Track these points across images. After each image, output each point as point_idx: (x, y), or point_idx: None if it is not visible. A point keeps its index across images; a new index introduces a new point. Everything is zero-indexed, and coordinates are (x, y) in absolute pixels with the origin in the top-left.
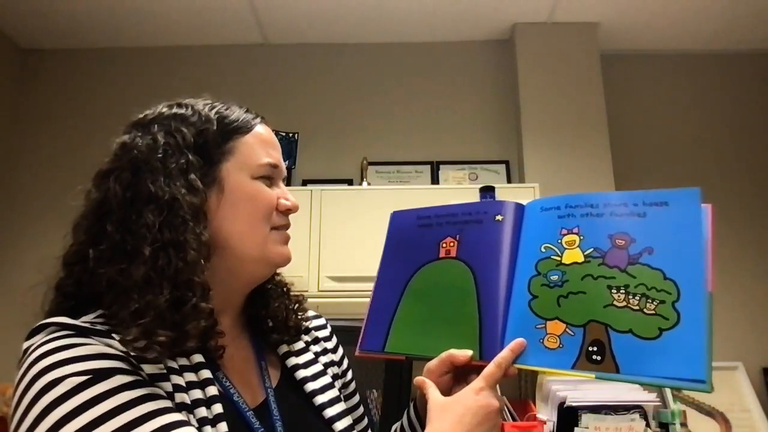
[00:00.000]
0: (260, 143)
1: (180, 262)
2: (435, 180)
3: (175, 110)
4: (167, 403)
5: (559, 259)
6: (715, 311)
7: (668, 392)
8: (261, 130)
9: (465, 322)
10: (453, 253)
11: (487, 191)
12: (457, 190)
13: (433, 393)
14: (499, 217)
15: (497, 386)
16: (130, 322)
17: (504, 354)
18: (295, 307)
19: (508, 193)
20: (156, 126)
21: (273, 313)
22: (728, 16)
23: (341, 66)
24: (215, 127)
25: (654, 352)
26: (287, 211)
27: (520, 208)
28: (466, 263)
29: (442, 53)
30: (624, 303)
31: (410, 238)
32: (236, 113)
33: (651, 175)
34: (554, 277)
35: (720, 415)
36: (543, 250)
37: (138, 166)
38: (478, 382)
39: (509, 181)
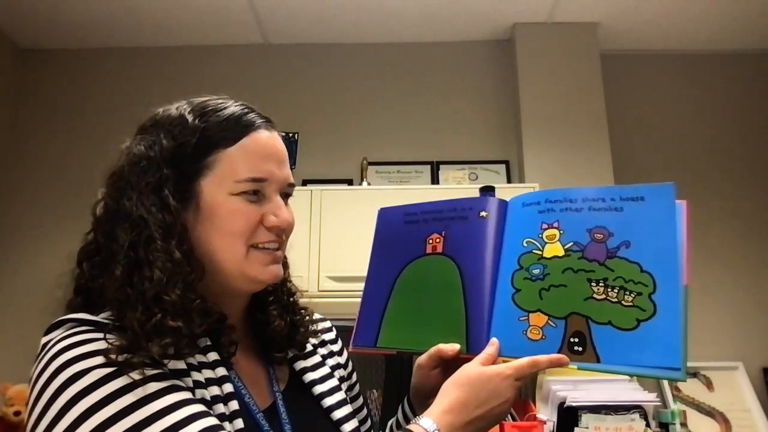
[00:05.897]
0: (248, 155)
1: (146, 281)
2: (435, 180)
3: (170, 113)
4: (191, 395)
5: (540, 253)
6: (715, 311)
7: (668, 392)
8: (258, 136)
9: (452, 317)
10: (439, 249)
11: (487, 191)
12: (457, 190)
13: (468, 365)
14: (483, 214)
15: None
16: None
17: (542, 358)
18: (300, 322)
19: (509, 193)
20: (144, 136)
21: (274, 332)
22: (728, 16)
23: (341, 66)
24: (195, 140)
25: (632, 342)
26: (275, 228)
27: (503, 205)
28: (452, 259)
29: (442, 53)
30: (603, 296)
31: (398, 235)
32: (227, 120)
33: (651, 175)
34: (536, 271)
35: (720, 415)
36: (525, 244)
37: (122, 180)
38: (507, 370)
39: (509, 181)
